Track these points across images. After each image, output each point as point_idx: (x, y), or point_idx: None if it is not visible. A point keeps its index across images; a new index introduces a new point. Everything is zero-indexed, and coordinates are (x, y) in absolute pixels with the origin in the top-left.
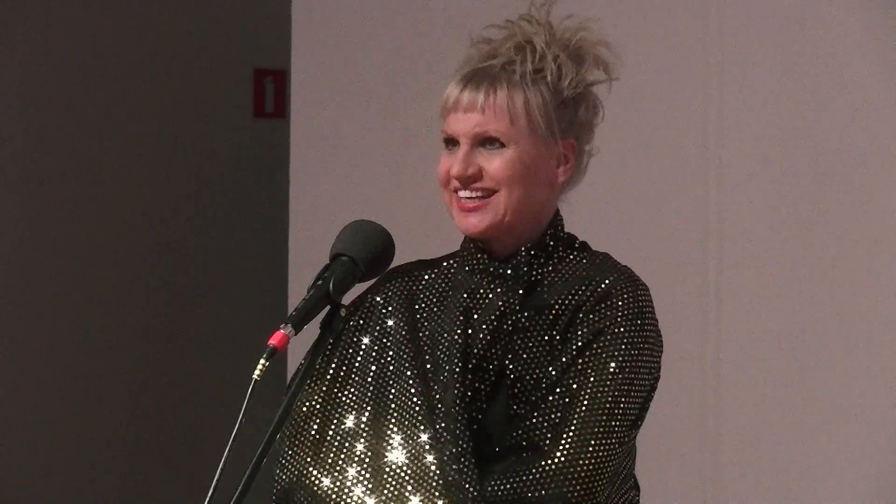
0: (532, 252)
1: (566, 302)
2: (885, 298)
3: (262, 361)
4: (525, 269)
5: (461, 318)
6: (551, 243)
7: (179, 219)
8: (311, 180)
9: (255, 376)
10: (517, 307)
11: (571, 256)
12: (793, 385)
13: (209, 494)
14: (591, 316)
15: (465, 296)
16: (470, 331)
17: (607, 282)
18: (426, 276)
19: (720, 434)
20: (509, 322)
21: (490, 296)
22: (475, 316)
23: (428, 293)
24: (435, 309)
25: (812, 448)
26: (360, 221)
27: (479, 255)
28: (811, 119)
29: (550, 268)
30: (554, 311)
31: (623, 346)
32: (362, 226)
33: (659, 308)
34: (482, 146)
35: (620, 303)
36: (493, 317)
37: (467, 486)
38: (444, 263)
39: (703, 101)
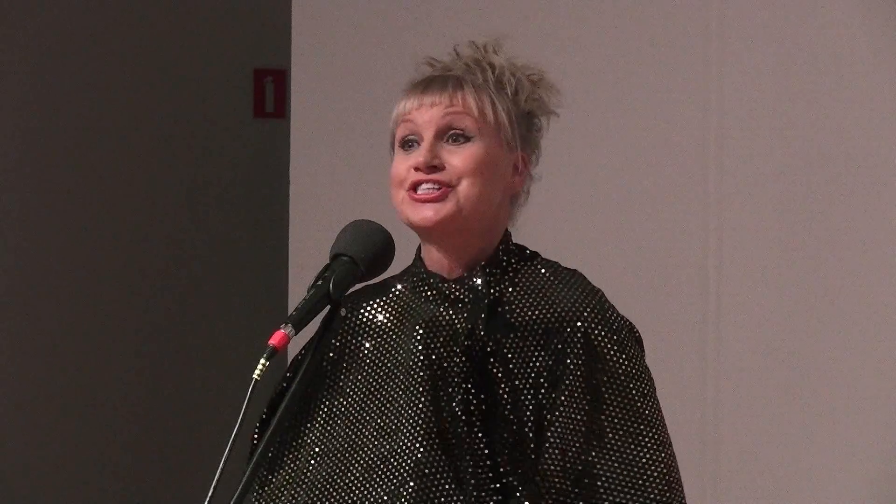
0: (487, 269)
1: (535, 319)
2: (885, 299)
3: (262, 361)
4: (483, 290)
5: (421, 350)
6: (504, 258)
7: (179, 219)
8: (311, 180)
9: (255, 376)
10: (482, 332)
11: (526, 267)
12: (793, 386)
13: (209, 494)
14: (579, 346)
15: (422, 325)
16: (437, 361)
17: (577, 303)
18: (371, 307)
19: (720, 434)
20: (477, 348)
21: (451, 323)
22: (437, 346)
23: (376, 326)
24: (387, 341)
25: (812, 449)
26: (361, 221)
27: (431, 280)
28: (812, 119)
29: (507, 282)
30: (524, 331)
31: (619, 379)
32: (362, 226)
33: (659, 309)
34: (445, 141)
35: (593, 336)
36: (458, 346)
37: None
38: (393, 288)
39: (703, 102)
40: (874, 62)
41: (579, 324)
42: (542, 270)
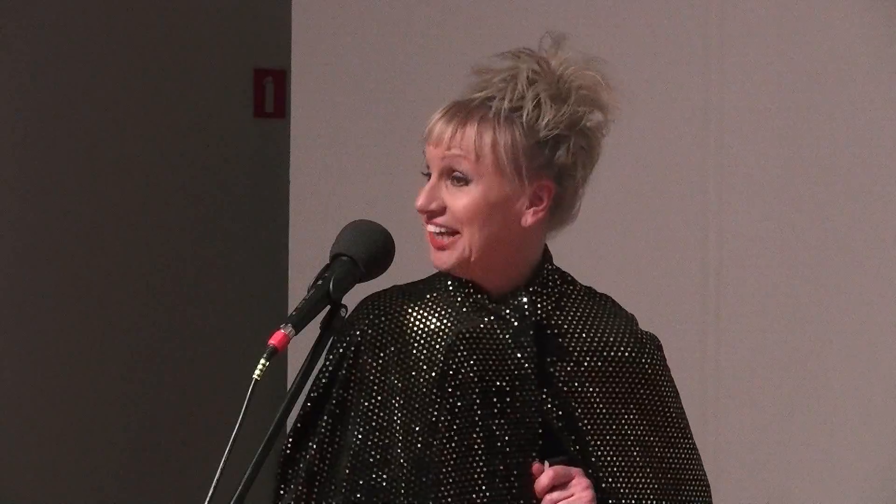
0: (531, 289)
1: (587, 347)
2: (885, 299)
3: (262, 361)
4: (529, 308)
5: (464, 362)
6: (550, 279)
7: (179, 219)
8: (311, 180)
9: (255, 376)
10: (532, 354)
11: (568, 291)
12: (793, 386)
13: (209, 494)
14: (629, 372)
15: (465, 338)
16: (484, 376)
17: (619, 331)
18: (413, 313)
19: (720, 434)
20: (531, 374)
21: (498, 338)
22: (484, 361)
23: (421, 335)
24: (429, 353)
25: (812, 449)
26: (360, 221)
27: (478, 296)
28: (812, 120)
29: (552, 305)
30: (579, 358)
31: (671, 401)
32: (362, 226)
33: (659, 310)
34: (449, 180)
35: (648, 362)
36: (509, 363)
37: None
38: (427, 296)
39: (703, 103)
40: (874, 62)
41: (623, 350)
42: (585, 297)
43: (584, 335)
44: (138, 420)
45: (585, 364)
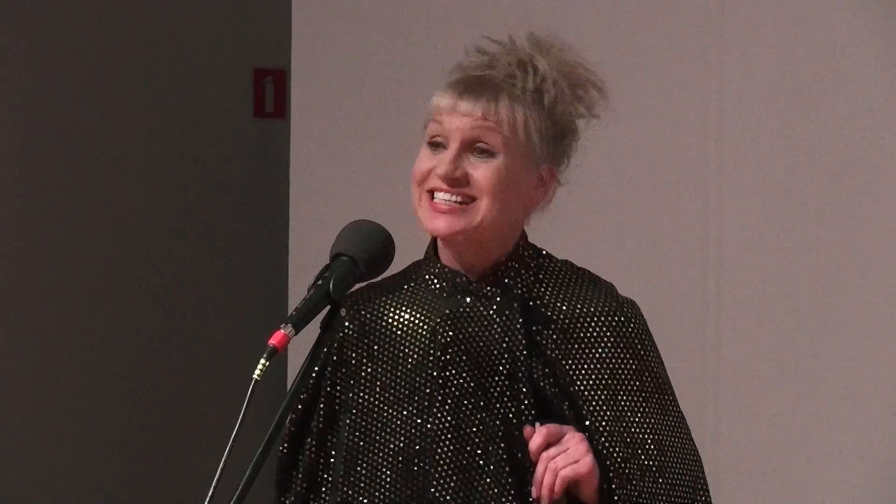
0: (509, 265)
1: (570, 315)
2: (885, 299)
3: (262, 361)
4: (511, 283)
5: (451, 343)
6: (526, 254)
7: (179, 219)
8: (311, 180)
9: (255, 376)
10: (518, 325)
11: (546, 264)
12: (793, 385)
13: (209, 494)
14: (613, 336)
15: (449, 319)
16: (474, 356)
17: (601, 298)
18: (392, 304)
19: (719, 434)
20: (521, 344)
21: (483, 316)
22: (471, 341)
23: (404, 322)
24: (414, 337)
25: (812, 449)
26: (360, 221)
27: (457, 279)
28: (812, 119)
29: (531, 278)
30: (563, 325)
31: (656, 363)
32: (362, 225)
33: (659, 310)
34: (471, 153)
35: (632, 325)
36: (502, 344)
37: None
38: (405, 286)
39: (703, 104)
40: (875, 62)
41: (607, 316)
42: (563, 268)
43: (566, 304)
44: (138, 420)
45: (570, 331)
